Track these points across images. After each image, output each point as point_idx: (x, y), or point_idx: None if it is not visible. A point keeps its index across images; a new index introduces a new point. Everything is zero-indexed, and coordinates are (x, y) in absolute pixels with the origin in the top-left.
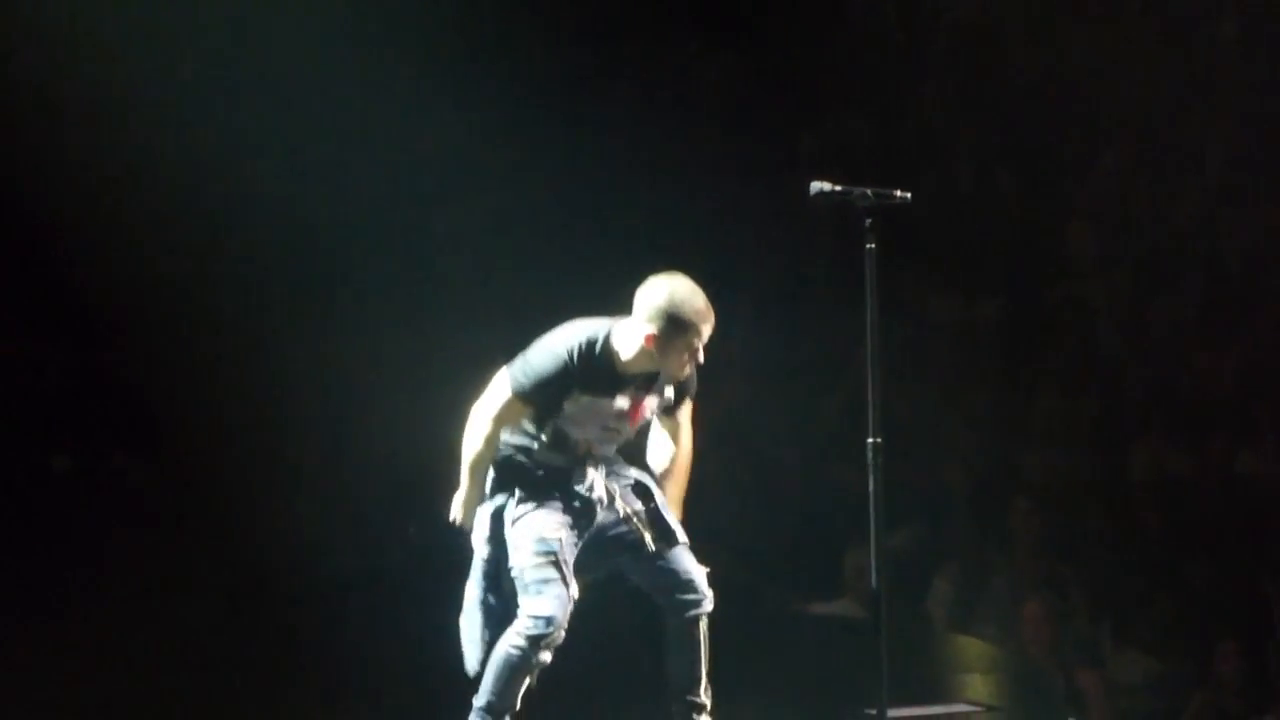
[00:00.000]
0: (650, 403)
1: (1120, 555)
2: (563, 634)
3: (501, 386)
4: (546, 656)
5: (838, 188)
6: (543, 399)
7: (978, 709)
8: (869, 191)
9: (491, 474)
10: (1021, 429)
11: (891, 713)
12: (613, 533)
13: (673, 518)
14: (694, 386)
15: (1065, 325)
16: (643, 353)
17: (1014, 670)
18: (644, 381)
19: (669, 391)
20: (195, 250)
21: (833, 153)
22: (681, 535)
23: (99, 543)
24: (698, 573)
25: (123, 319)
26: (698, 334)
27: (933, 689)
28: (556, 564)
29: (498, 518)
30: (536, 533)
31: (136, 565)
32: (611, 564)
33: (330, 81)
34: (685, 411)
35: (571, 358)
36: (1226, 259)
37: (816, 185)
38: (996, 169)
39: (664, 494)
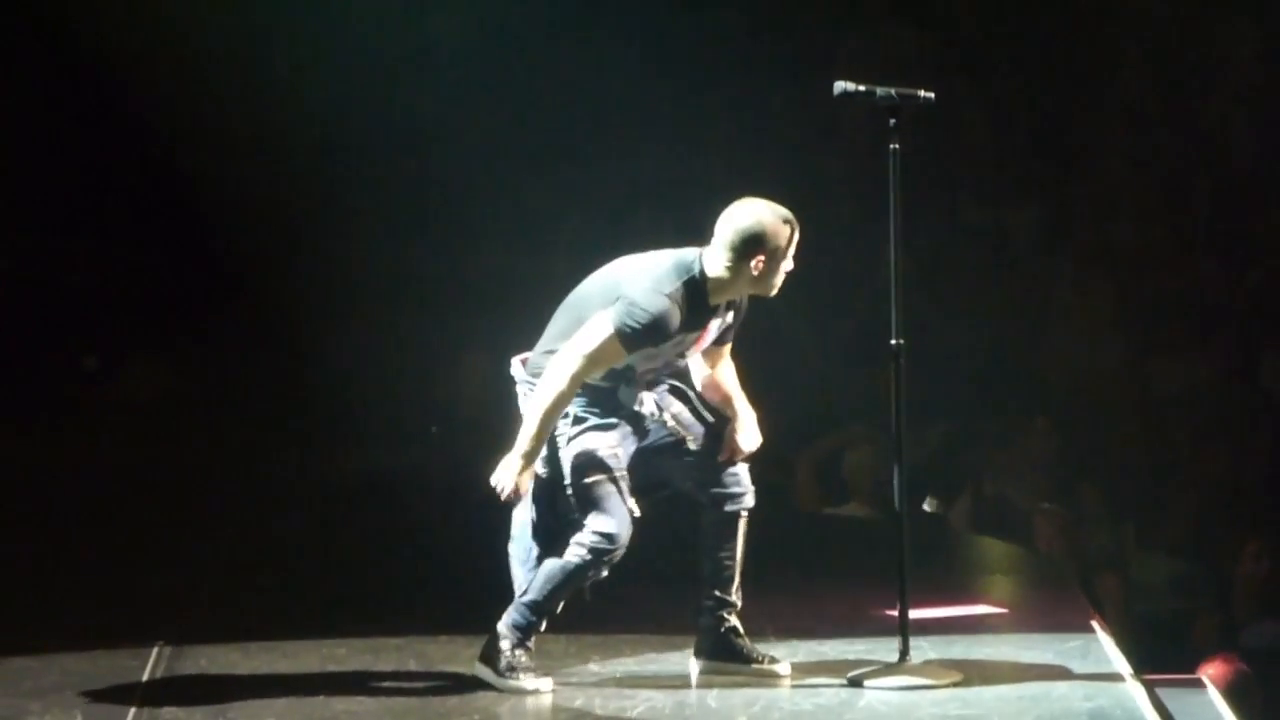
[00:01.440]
0: (713, 327)
1: (1143, 457)
2: (622, 552)
3: (601, 331)
4: (605, 572)
5: (861, 88)
6: (650, 344)
7: (1001, 610)
8: (893, 92)
9: None
10: (1046, 330)
11: (913, 614)
12: (655, 441)
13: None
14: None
15: (1091, 228)
16: (737, 281)
17: (1036, 572)
18: (718, 310)
19: (730, 316)
20: (225, 150)
21: (867, 56)
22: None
23: (128, 442)
24: (740, 467)
25: (152, 218)
26: (793, 243)
27: (954, 591)
28: (617, 481)
29: (554, 438)
30: (595, 451)
31: (165, 464)
32: (655, 471)
33: None
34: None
35: (678, 300)
36: (1244, 164)
37: (840, 85)
38: (1029, 73)
39: (739, 412)
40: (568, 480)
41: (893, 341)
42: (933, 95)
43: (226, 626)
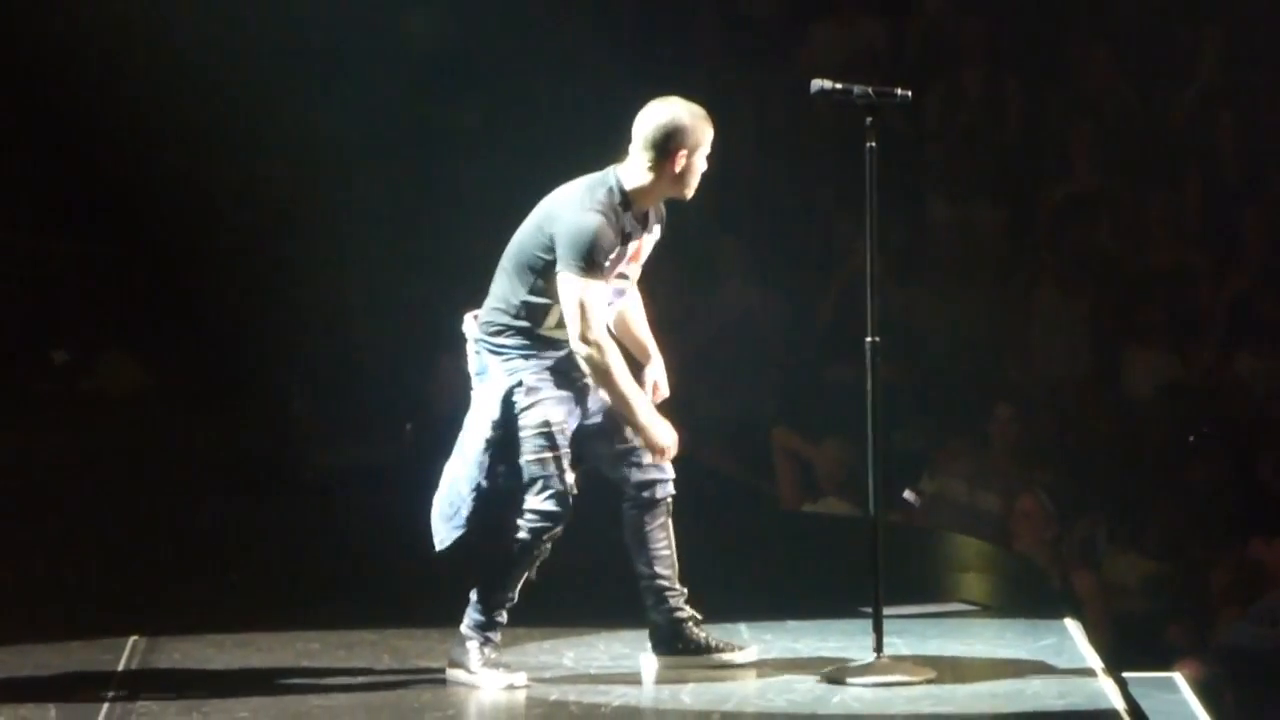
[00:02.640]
0: (646, 243)
1: (1116, 456)
2: (562, 530)
3: (570, 284)
4: (547, 549)
5: (838, 85)
6: (605, 260)
7: (973, 608)
8: (869, 90)
9: (501, 357)
10: (1020, 329)
11: (886, 611)
12: (590, 420)
13: None
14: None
15: (1065, 225)
16: (659, 183)
17: (1010, 570)
18: (646, 221)
19: (656, 230)
20: (197, 147)
21: (841, 53)
22: None
23: (101, 436)
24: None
25: (124, 214)
26: (710, 139)
27: (929, 588)
28: (560, 458)
29: (507, 402)
30: (544, 424)
31: (137, 457)
32: (580, 449)
33: None
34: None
35: (605, 211)
36: (1222, 160)
37: (817, 83)
38: (1003, 71)
39: (651, 355)
40: (517, 450)
41: (868, 339)
42: (910, 94)
43: (200, 620)
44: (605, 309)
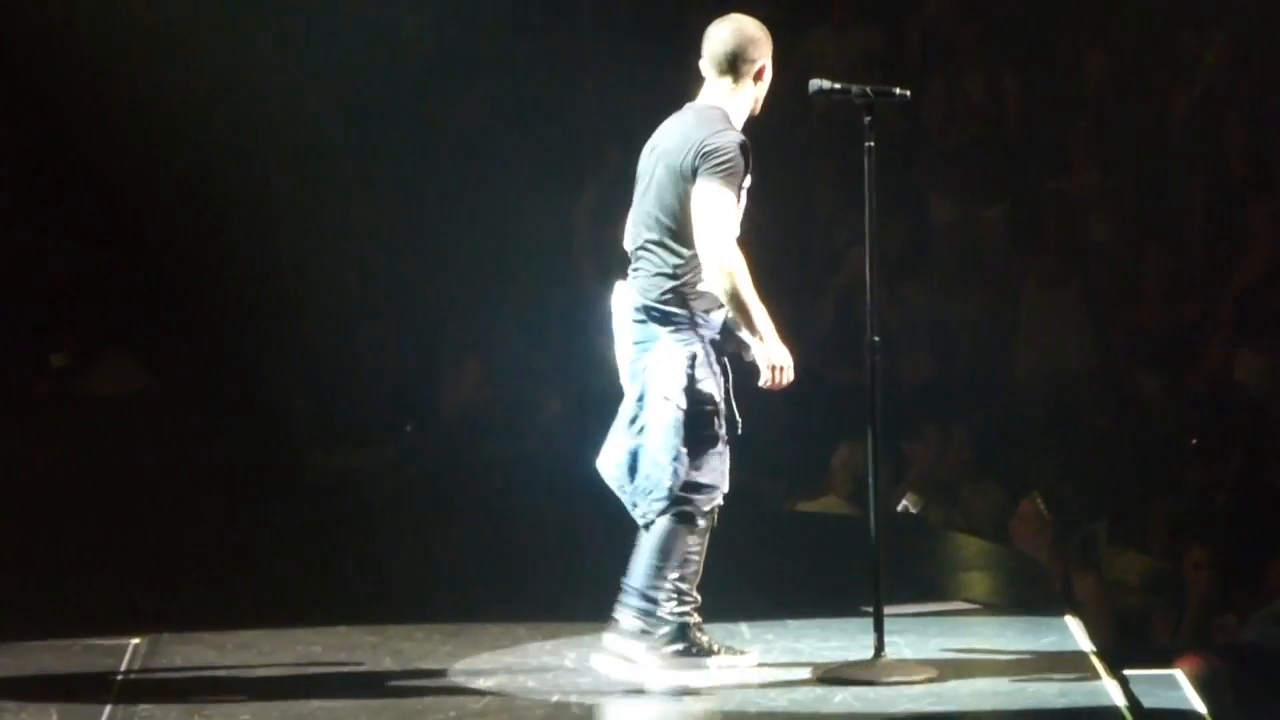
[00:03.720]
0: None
1: (1116, 455)
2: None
3: (709, 194)
4: (714, 520)
5: (837, 85)
6: (746, 171)
7: (975, 607)
8: (868, 89)
9: (670, 326)
10: (1016, 329)
11: (888, 610)
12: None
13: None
14: None
15: (1064, 224)
16: (746, 99)
17: (1012, 569)
18: None
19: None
20: (196, 148)
21: (839, 54)
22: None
23: (101, 439)
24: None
25: (123, 215)
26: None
27: (930, 587)
28: (722, 434)
29: (688, 373)
30: (711, 399)
31: (136, 459)
32: None
33: None
34: None
35: (735, 127)
36: (1220, 165)
37: (816, 83)
38: (1001, 72)
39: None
40: (698, 416)
41: (869, 338)
42: (909, 93)
43: (202, 622)
44: (737, 225)
